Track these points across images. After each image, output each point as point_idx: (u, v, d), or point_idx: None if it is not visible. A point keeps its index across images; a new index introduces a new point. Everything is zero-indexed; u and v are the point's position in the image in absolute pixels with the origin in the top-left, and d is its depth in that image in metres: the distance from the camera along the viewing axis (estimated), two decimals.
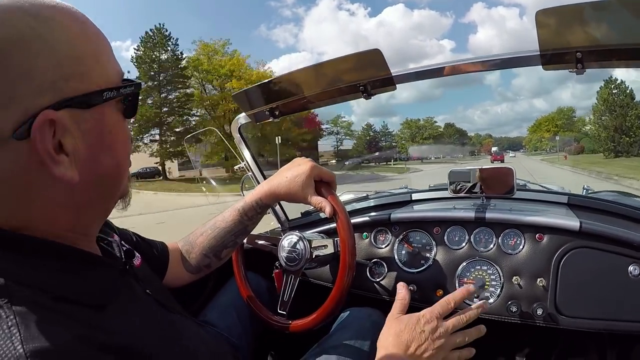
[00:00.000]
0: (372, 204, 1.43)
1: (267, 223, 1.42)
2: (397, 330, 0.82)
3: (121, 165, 0.54)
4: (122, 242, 0.73)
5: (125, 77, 0.54)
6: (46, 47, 0.43)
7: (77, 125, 0.46)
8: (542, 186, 1.51)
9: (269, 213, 1.39)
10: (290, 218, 1.48)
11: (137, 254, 0.75)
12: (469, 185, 1.21)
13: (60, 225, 0.49)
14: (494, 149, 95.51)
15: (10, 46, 0.41)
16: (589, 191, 1.47)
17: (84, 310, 0.44)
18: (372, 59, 1.00)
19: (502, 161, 45.64)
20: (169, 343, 0.54)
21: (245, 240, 1.20)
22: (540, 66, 0.98)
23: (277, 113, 1.24)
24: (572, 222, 1.00)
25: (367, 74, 1.06)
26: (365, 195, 1.65)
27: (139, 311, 0.54)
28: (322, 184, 0.97)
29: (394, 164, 52.15)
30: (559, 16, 0.90)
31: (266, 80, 1.16)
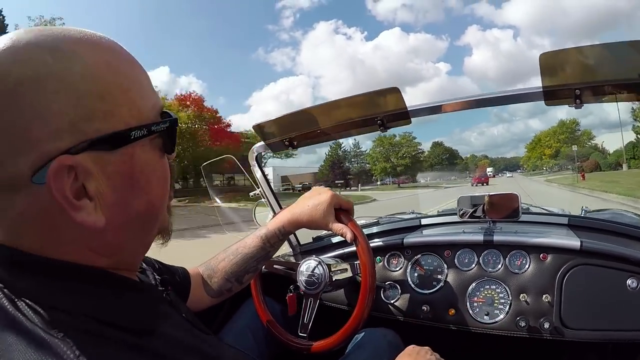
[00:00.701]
0: (383, 229, 1.49)
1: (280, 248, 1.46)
2: None
3: (156, 204, 0.51)
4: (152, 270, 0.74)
5: (164, 109, 0.50)
6: (63, 86, 0.40)
7: (102, 168, 0.42)
8: (543, 209, 1.60)
9: None
10: (301, 242, 1.52)
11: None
12: (477, 209, 1.28)
13: (100, 264, 0.46)
14: (489, 169, 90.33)
15: (23, 86, 0.38)
16: (587, 211, 1.58)
17: (134, 336, 0.43)
18: (391, 94, 1.08)
19: (486, 183, 42.11)
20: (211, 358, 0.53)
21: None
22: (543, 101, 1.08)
23: (295, 143, 1.30)
24: (573, 241, 1.09)
25: (385, 108, 1.14)
26: (376, 220, 1.70)
27: (183, 334, 0.54)
28: (342, 212, 1.03)
29: (360, 190, 48.52)
30: (559, 57, 1.01)
31: (286, 114, 1.21)
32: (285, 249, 1.52)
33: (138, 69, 0.48)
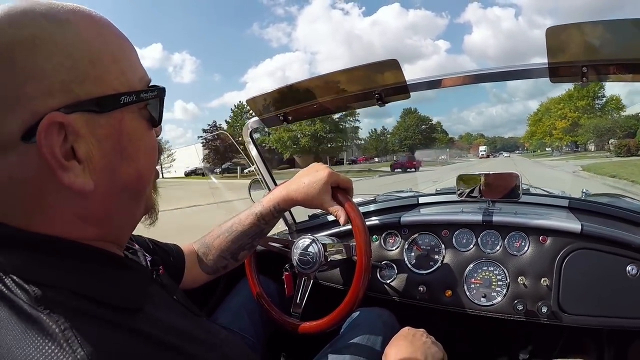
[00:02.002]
0: (380, 207, 1.46)
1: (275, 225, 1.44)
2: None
3: (143, 176, 0.51)
4: (144, 251, 0.72)
5: (151, 84, 0.51)
6: (57, 49, 0.41)
7: (91, 131, 0.43)
8: (544, 190, 1.57)
9: None
10: (297, 220, 1.50)
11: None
12: (476, 189, 1.25)
13: (86, 235, 0.46)
14: (481, 148, 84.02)
15: (19, 47, 0.40)
16: (588, 194, 1.55)
17: (120, 314, 0.43)
18: (389, 67, 1.03)
19: (415, 169, 34.15)
20: (200, 340, 0.53)
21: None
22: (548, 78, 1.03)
23: (290, 118, 1.26)
24: (574, 224, 1.06)
25: (383, 82, 1.09)
26: (373, 198, 1.68)
27: (171, 315, 0.53)
28: (339, 190, 1.00)
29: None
30: (567, 33, 0.95)
31: (281, 86, 1.17)
32: (281, 226, 1.50)
33: (127, 43, 0.49)
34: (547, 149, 73.12)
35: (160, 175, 0.66)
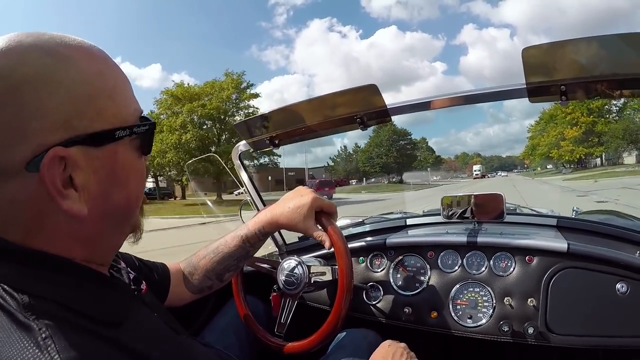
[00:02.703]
0: (367, 229, 1.47)
1: (265, 246, 1.45)
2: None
3: (132, 200, 0.55)
4: (129, 268, 0.74)
5: (143, 114, 0.55)
6: (61, 87, 0.45)
7: (89, 162, 0.47)
8: (531, 209, 1.56)
9: None
10: (287, 242, 1.51)
11: (143, 281, 0.75)
12: (461, 210, 1.26)
13: (75, 255, 0.50)
14: (476, 167, 78.87)
15: (26, 85, 0.43)
16: (578, 212, 1.54)
17: (105, 327, 0.45)
18: (369, 92, 1.06)
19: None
20: (178, 357, 0.55)
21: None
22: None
23: (276, 142, 1.29)
24: (560, 244, 1.05)
25: (364, 106, 1.11)
26: (361, 220, 1.69)
27: (152, 330, 0.56)
28: (323, 214, 1.01)
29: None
30: (543, 52, 0.97)
31: (267, 111, 1.21)
32: (272, 247, 1.51)
33: (122, 78, 0.53)
34: (548, 167, 64.91)
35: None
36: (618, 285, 0.97)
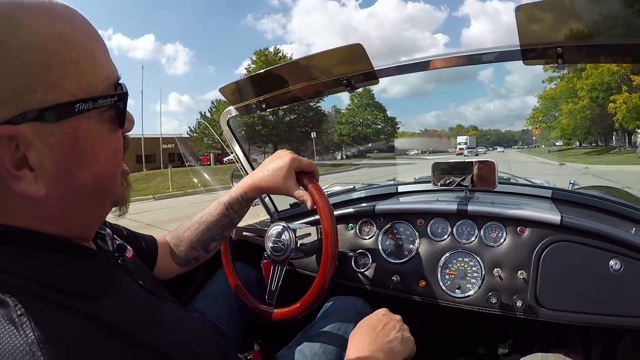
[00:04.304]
0: (357, 196, 1.45)
1: (257, 214, 1.44)
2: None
3: (104, 178, 0.51)
4: (115, 236, 0.74)
5: (120, 81, 0.50)
6: (9, 55, 0.40)
7: (43, 140, 0.42)
8: (526, 180, 1.51)
9: (257, 205, 1.41)
10: (280, 209, 1.50)
11: (128, 247, 0.75)
12: (451, 179, 1.22)
13: (48, 231, 0.47)
14: (460, 140, 68.58)
15: None
16: (576, 186, 1.48)
17: (81, 301, 0.44)
18: (354, 53, 1.01)
19: None
20: (155, 326, 0.54)
21: (233, 233, 1.22)
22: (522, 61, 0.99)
23: (263, 106, 1.26)
24: (553, 215, 1.01)
25: (350, 68, 1.07)
26: (352, 187, 1.66)
27: (130, 298, 0.55)
28: (304, 175, 0.99)
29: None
30: (539, 12, 0.91)
31: (252, 74, 1.17)
32: (264, 215, 1.51)
33: (93, 38, 0.47)
34: (557, 143, 50.89)
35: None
36: (612, 262, 0.93)
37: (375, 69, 1.05)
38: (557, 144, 54.66)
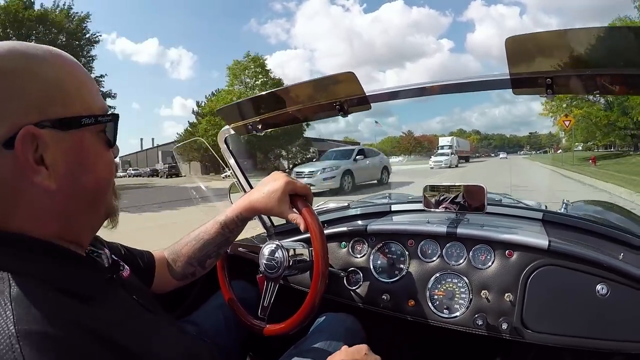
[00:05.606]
0: (352, 214, 1.47)
1: (254, 227, 1.47)
2: None
3: (100, 182, 0.61)
4: (112, 255, 0.76)
5: (108, 112, 0.61)
6: (35, 78, 0.52)
7: (57, 144, 0.53)
8: (517, 201, 1.52)
9: (255, 219, 1.44)
10: (276, 223, 1.53)
11: (125, 266, 0.78)
12: (441, 199, 1.24)
13: (49, 231, 0.55)
14: (443, 140, 50.08)
15: (4, 75, 0.50)
16: (568, 205, 1.49)
17: (73, 300, 0.50)
18: (347, 80, 1.04)
19: None
20: (143, 338, 0.58)
21: (229, 248, 1.25)
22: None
23: (259, 127, 1.29)
24: (541, 240, 1.03)
25: (344, 93, 1.10)
26: (346, 204, 1.69)
27: (122, 308, 0.61)
28: (298, 197, 1.02)
29: None
30: (529, 43, 0.93)
31: (249, 97, 1.20)
32: (260, 229, 1.54)
33: (90, 79, 0.61)
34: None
35: None
36: (598, 287, 0.95)
37: (367, 94, 1.08)
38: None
